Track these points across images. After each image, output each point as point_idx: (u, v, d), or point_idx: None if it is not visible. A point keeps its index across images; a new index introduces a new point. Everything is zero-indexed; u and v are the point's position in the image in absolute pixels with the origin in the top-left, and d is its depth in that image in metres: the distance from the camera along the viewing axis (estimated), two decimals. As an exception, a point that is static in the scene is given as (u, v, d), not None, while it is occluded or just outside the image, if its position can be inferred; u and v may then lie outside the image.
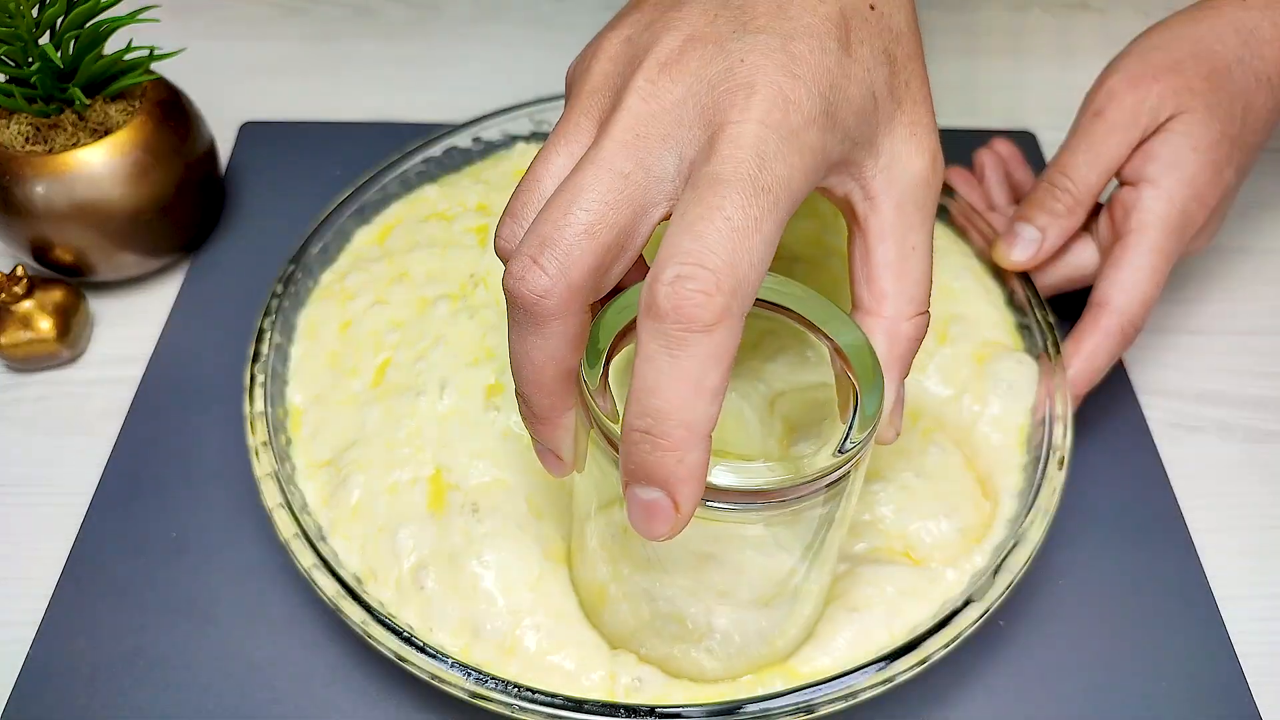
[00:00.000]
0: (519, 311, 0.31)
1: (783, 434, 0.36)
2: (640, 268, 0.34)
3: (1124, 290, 0.47)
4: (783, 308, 0.34)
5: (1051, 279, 0.51)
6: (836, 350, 0.33)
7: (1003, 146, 0.59)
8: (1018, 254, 0.49)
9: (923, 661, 0.38)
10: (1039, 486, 0.42)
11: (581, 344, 0.31)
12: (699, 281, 0.27)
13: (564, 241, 0.29)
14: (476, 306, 0.49)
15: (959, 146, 0.59)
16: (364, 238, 0.54)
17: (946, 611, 0.39)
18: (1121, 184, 0.49)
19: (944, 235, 0.52)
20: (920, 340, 0.35)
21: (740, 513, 0.31)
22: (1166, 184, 0.46)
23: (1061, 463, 0.43)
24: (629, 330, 0.32)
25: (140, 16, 0.52)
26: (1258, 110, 0.48)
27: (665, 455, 0.28)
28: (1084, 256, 0.50)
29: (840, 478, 0.32)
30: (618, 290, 0.33)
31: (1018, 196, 0.57)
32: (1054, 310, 0.49)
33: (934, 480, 0.44)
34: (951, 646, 0.38)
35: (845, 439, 0.31)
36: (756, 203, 0.28)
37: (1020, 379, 0.46)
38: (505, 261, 0.32)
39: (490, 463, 0.44)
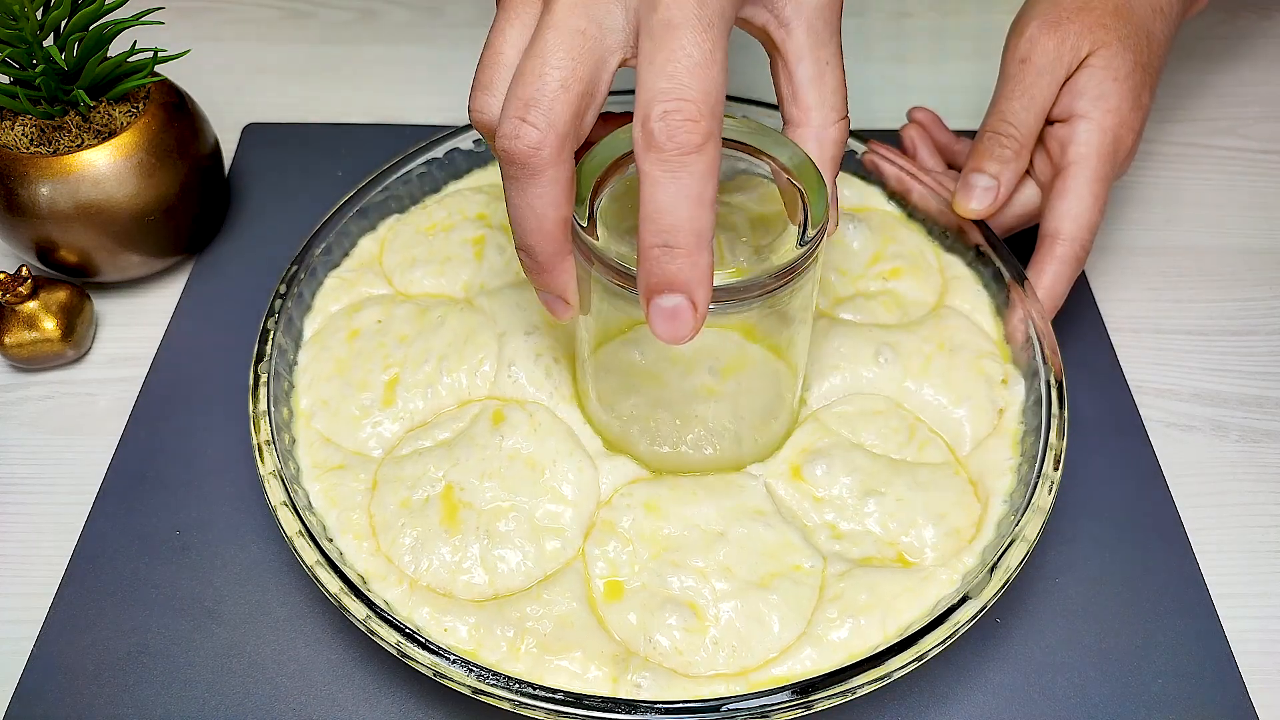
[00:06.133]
0: (516, 168, 0.35)
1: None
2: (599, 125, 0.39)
3: (1072, 219, 0.50)
4: (730, 140, 0.39)
5: (1004, 222, 0.54)
6: (780, 167, 0.39)
7: (921, 114, 0.61)
8: (976, 203, 0.51)
9: (920, 658, 0.38)
10: (1035, 485, 0.42)
11: (572, 191, 0.36)
12: (684, 112, 0.32)
13: (545, 98, 0.34)
14: (475, 327, 0.49)
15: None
16: (368, 243, 0.54)
17: (941, 610, 0.39)
18: (1052, 122, 0.52)
19: (953, 259, 0.53)
20: (844, 143, 0.41)
21: (739, 307, 0.37)
22: (1096, 116, 0.50)
23: (1058, 461, 0.43)
24: (603, 180, 0.38)
25: (145, 19, 0.52)
26: (1158, 37, 0.53)
27: (683, 262, 0.33)
28: (1028, 195, 0.53)
29: (807, 265, 0.38)
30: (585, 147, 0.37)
31: (947, 157, 0.60)
32: (1010, 248, 0.52)
33: (926, 490, 0.44)
34: (948, 643, 0.38)
35: (803, 234, 0.37)
36: (708, 36, 0.32)
37: (1016, 382, 0.46)
38: (485, 131, 0.37)
39: (499, 484, 0.44)
